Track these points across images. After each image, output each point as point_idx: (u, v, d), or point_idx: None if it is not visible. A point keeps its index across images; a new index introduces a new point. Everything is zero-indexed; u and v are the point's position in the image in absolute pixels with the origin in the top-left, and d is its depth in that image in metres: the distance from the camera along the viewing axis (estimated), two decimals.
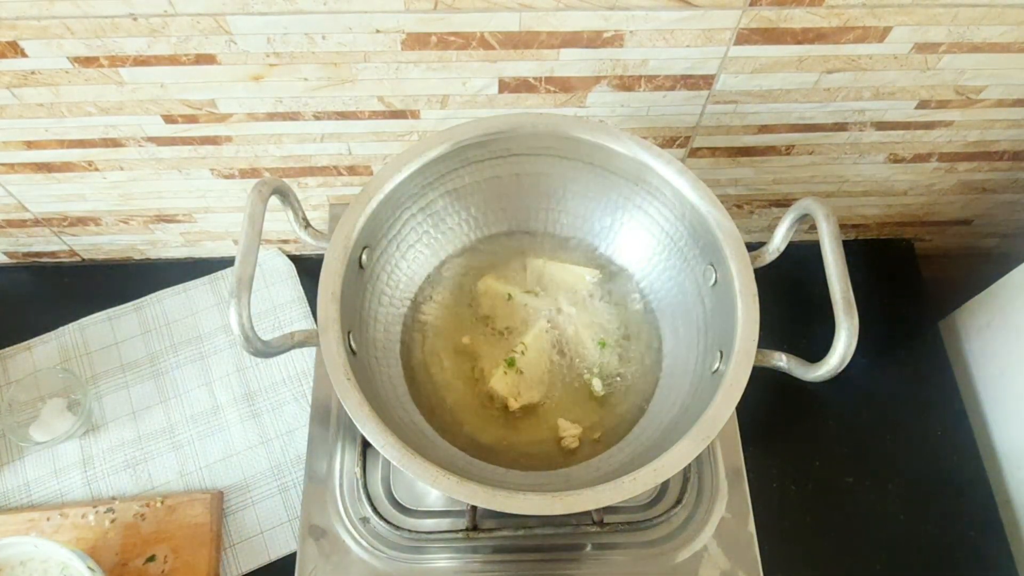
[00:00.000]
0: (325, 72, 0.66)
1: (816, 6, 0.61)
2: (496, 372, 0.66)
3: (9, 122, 0.71)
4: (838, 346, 0.54)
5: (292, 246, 0.92)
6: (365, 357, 0.62)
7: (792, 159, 0.81)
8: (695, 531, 0.69)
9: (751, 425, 0.74)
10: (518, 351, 0.68)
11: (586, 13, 0.61)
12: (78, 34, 0.61)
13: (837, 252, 0.56)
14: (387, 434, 0.53)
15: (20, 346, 0.85)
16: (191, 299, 0.88)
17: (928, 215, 0.93)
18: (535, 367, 0.67)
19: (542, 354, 0.68)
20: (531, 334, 0.68)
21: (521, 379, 0.66)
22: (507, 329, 0.70)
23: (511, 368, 0.67)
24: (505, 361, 0.67)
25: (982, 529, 0.77)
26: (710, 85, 0.70)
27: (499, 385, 0.66)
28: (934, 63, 0.68)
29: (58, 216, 0.85)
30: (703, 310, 0.65)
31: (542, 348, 0.68)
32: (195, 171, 0.79)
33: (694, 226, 0.64)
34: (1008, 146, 0.80)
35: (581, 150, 0.66)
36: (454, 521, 0.69)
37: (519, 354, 0.67)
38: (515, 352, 0.67)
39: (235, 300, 0.53)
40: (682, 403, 0.63)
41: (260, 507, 0.77)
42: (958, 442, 0.82)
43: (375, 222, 0.63)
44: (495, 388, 0.66)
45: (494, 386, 0.66)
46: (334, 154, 0.77)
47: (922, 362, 0.86)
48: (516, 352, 0.67)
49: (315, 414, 0.74)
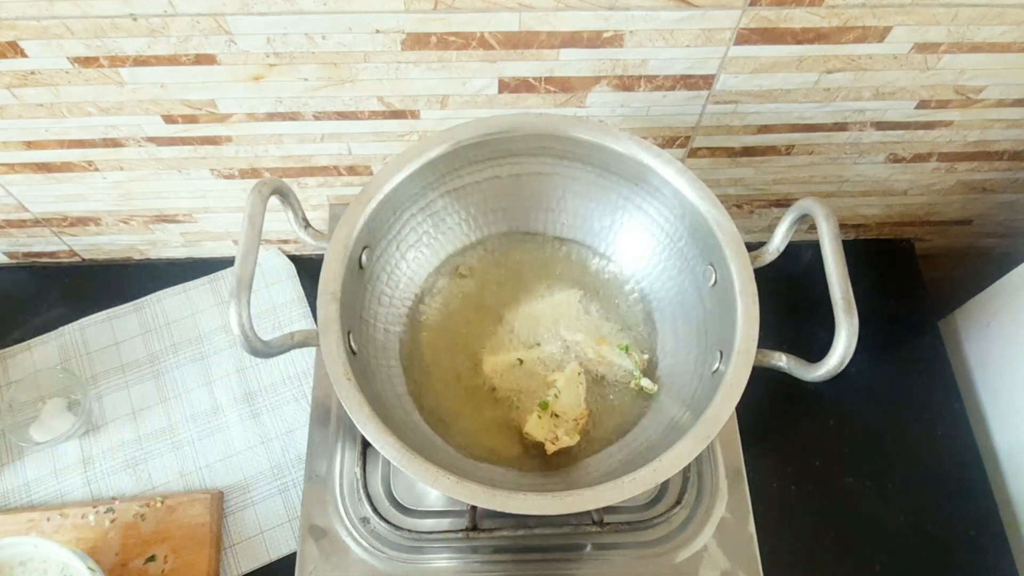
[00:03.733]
0: (325, 72, 0.66)
1: (816, 6, 0.61)
2: (531, 417, 0.64)
3: (9, 122, 0.71)
4: (838, 346, 0.54)
5: (292, 246, 0.92)
6: (365, 357, 0.62)
7: (792, 159, 0.81)
8: (695, 531, 0.69)
9: (751, 425, 0.74)
10: (551, 395, 0.66)
11: (586, 13, 0.61)
12: (78, 34, 0.61)
13: (837, 252, 0.56)
14: (387, 434, 0.53)
15: (20, 346, 0.85)
16: (191, 299, 0.88)
17: (928, 215, 0.93)
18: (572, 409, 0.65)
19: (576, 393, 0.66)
20: (563, 377, 0.66)
21: (558, 422, 0.64)
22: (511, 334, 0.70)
23: (546, 411, 0.65)
24: (539, 404, 0.65)
25: (982, 529, 0.77)
26: (710, 85, 0.70)
27: (534, 429, 0.64)
28: (934, 63, 0.68)
29: (58, 216, 0.85)
30: (703, 310, 0.65)
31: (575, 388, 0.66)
32: (195, 171, 0.79)
33: (694, 226, 0.64)
34: (1008, 146, 0.80)
35: (581, 150, 0.66)
36: (454, 521, 0.69)
37: (552, 397, 0.65)
38: (548, 396, 0.66)
39: (235, 300, 0.53)
40: (682, 403, 0.63)
41: (260, 507, 0.77)
42: (958, 442, 0.82)
43: (375, 222, 0.63)
44: (530, 433, 0.64)
45: (529, 431, 0.64)
46: (334, 154, 0.77)
47: (922, 362, 0.86)
48: (549, 396, 0.66)
49: (315, 414, 0.74)
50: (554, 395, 0.65)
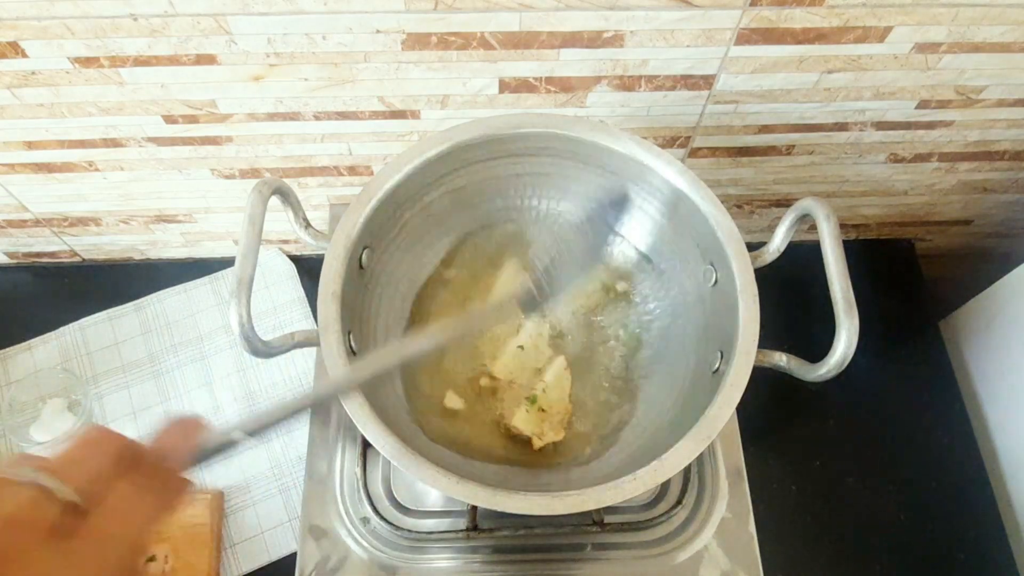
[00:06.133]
0: (325, 72, 0.66)
1: (816, 6, 0.61)
2: (518, 411, 0.64)
3: (10, 122, 0.71)
4: (838, 346, 0.54)
5: (292, 246, 0.92)
6: (365, 357, 0.62)
7: (792, 159, 0.81)
8: (695, 531, 0.69)
9: (751, 425, 0.74)
10: (539, 389, 0.66)
11: (586, 13, 0.61)
12: (78, 34, 0.61)
13: (837, 252, 0.56)
14: (387, 434, 0.53)
15: (20, 346, 0.85)
16: (191, 299, 0.88)
17: (928, 215, 0.93)
18: (558, 404, 0.65)
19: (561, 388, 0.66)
20: (551, 371, 0.66)
21: (544, 416, 0.64)
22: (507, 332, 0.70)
23: (533, 406, 0.65)
24: (527, 399, 0.65)
25: (982, 529, 0.77)
26: (710, 85, 0.70)
27: (522, 424, 0.64)
28: (934, 63, 0.68)
29: (58, 216, 0.85)
30: (703, 310, 0.65)
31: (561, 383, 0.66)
32: (195, 171, 0.79)
33: (694, 226, 0.64)
34: (1008, 146, 0.80)
35: (581, 150, 0.66)
36: (454, 521, 0.69)
37: (540, 391, 0.65)
38: (535, 390, 0.65)
39: (235, 300, 0.53)
40: (682, 403, 0.63)
41: (260, 507, 0.77)
42: (958, 442, 0.82)
43: (375, 222, 0.63)
44: (518, 427, 0.64)
45: (516, 424, 0.64)
46: (334, 154, 0.77)
47: (922, 362, 0.86)
48: (537, 390, 0.65)
49: (315, 414, 0.74)
50: (542, 389, 0.65)
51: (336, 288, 0.58)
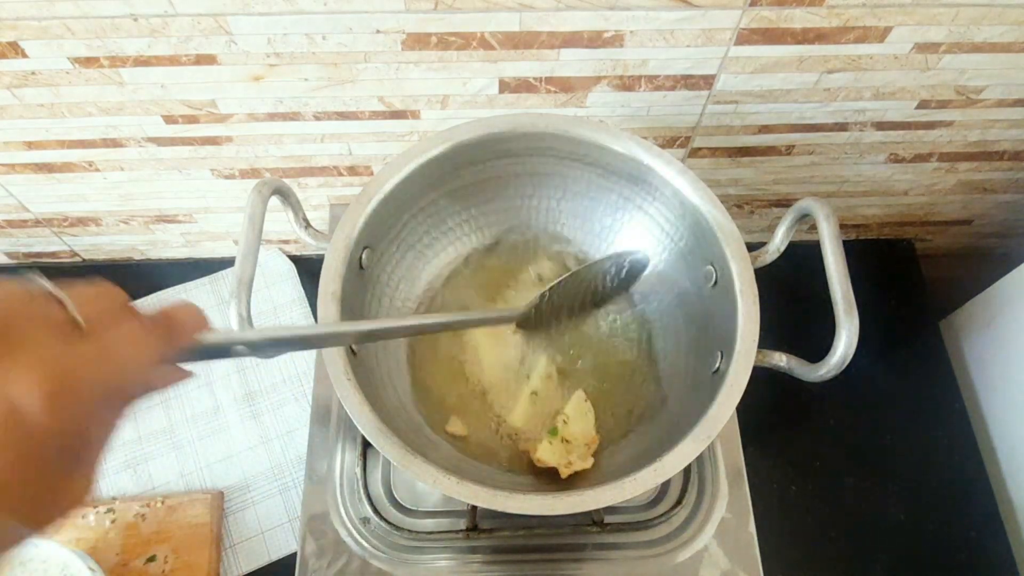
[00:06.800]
0: (325, 72, 0.66)
1: (816, 6, 0.61)
2: (540, 444, 0.63)
3: (9, 122, 0.71)
4: (839, 346, 0.54)
5: (292, 246, 0.92)
6: (365, 357, 0.62)
7: (792, 159, 0.81)
8: (695, 531, 0.69)
9: (751, 425, 0.74)
10: (559, 421, 0.64)
11: (586, 13, 0.61)
12: (78, 34, 0.61)
13: (837, 252, 0.56)
14: (387, 434, 0.53)
15: None
16: (191, 299, 0.88)
17: (928, 215, 0.93)
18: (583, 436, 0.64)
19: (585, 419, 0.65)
20: (571, 405, 0.66)
21: (569, 447, 0.63)
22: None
23: (555, 437, 0.63)
24: (548, 432, 0.64)
25: (982, 529, 0.77)
26: (710, 85, 0.70)
27: (546, 455, 0.62)
28: (934, 63, 0.68)
29: (58, 216, 0.85)
30: (703, 310, 0.65)
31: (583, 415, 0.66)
32: (195, 171, 0.79)
33: (694, 226, 0.64)
34: (1008, 146, 0.80)
35: (581, 150, 0.66)
36: (454, 521, 0.69)
37: (560, 423, 0.64)
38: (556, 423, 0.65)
39: (235, 300, 0.53)
40: (682, 403, 0.63)
41: (260, 507, 0.77)
42: (958, 442, 0.82)
43: (375, 222, 0.63)
44: (543, 459, 0.62)
45: (541, 456, 0.62)
46: (334, 154, 0.77)
47: (922, 362, 0.86)
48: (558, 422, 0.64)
49: (315, 414, 0.74)
50: (563, 421, 0.65)
51: (336, 288, 0.58)
